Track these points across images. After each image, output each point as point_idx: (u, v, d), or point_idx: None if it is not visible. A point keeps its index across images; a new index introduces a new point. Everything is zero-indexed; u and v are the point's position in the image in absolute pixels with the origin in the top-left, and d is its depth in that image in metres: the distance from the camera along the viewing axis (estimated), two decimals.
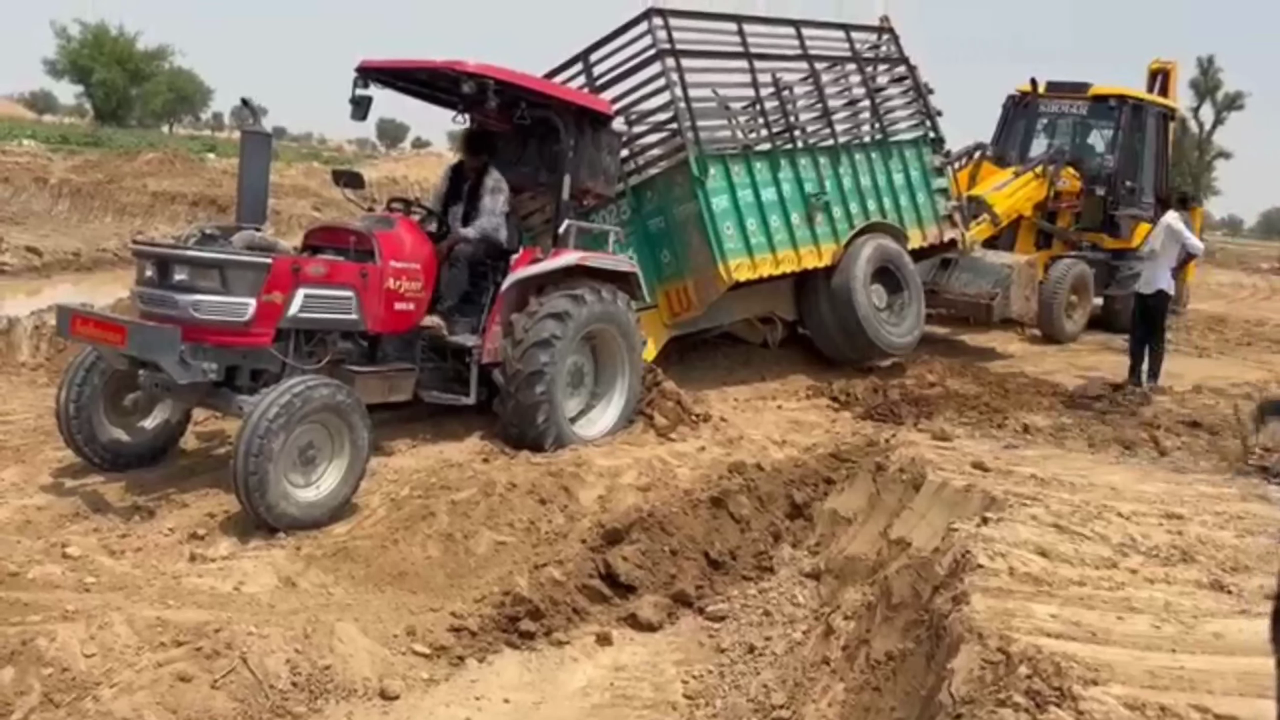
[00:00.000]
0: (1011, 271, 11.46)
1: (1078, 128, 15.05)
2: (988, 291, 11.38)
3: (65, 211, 22.28)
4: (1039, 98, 14.83)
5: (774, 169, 9.38)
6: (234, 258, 5.60)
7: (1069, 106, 14.86)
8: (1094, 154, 14.61)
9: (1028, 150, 14.72)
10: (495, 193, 7.18)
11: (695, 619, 5.01)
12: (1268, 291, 24.84)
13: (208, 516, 5.42)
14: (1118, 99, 14.38)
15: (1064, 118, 15.08)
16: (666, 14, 8.90)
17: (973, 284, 11.52)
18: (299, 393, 5.28)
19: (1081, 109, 14.76)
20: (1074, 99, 14.74)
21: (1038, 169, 13.27)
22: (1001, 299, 11.32)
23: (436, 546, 5.18)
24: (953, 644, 3.28)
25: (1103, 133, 14.78)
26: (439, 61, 6.65)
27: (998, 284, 11.40)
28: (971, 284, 11.53)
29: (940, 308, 11.82)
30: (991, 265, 11.70)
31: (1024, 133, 14.98)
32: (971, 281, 11.55)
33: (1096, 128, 14.91)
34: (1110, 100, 14.39)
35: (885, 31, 11.11)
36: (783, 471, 6.34)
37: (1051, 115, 15.11)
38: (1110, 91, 14.48)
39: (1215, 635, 3.30)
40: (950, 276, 11.71)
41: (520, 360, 6.66)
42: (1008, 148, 14.69)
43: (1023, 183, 13.01)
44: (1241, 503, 4.95)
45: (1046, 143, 15.00)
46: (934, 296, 11.47)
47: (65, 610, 4.10)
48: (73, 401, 5.78)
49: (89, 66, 62.90)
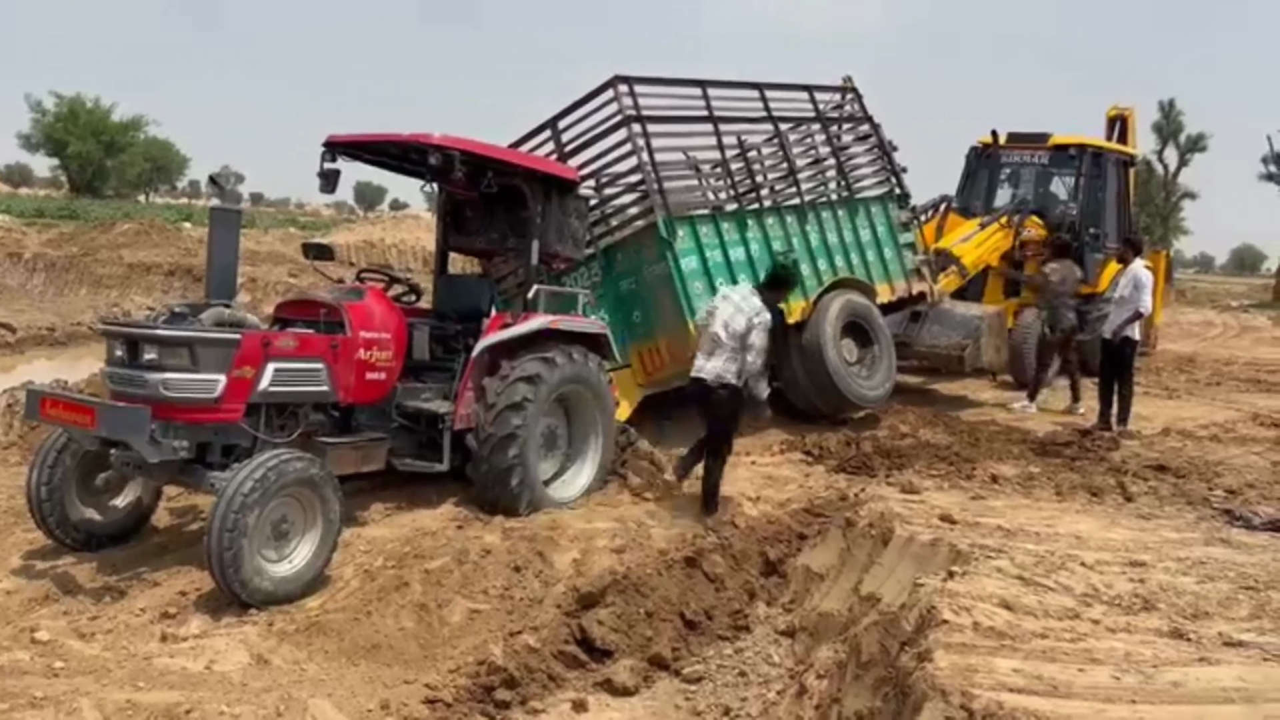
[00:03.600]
0: (981, 322, 11.56)
1: (1039, 177, 15.29)
2: (958, 343, 11.44)
3: (40, 286, 22.32)
4: (1000, 149, 15.10)
5: (742, 229, 9.54)
6: (203, 335, 5.63)
7: (1030, 156, 15.12)
8: (1057, 202, 14.83)
9: (992, 200, 14.96)
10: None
11: (672, 681, 4.99)
12: (1237, 329, 25.11)
13: (179, 595, 5.40)
14: (1077, 148, 14.65)
15: (1026, 167, 15.34)
16: (631, 80, 9.09)
17: (943, 335, 11.59)
18: (273, 467, 5.30)
19: (1043, 158, 15.02)
20: (1034, 149, 15.01)
21: (1003, 219, 13.47)
22: (972, 350, 11.38)
23: (410, 617, 5.17)
24: (917, 701, 3.31)
25: (1064, 181, 15.01)
26: (405, 135, 6.77)
27: (968, 335, 11.47)
28: (942, 336, 11.60)
29: (912, 360, 11.91)
30: (962, 316, 11.79)
31: (987, 183, 15.24)
32: (942, 333, 11.62)
33: (1058, 176, 15.15)
34: (1070, 149, 14.67)
35: (848, 91, 11.37)
36: (756, 529, 6.37)
37: (1013, 165, 15.39)
38: (1070, 141, 14.77)
39: (1174, 684, 3.34)
40: (921, 329, 11.76)
41: (493, 424, 6.71)
42: (972, 199, 14.94)
43: (989, 234, 13.20)
44: (1204, 547, 5.03)
45: (1010, 192, 15.29)
46: (905, 349, 11.55)
47: (33, 697, 4.07)
48: (44, 484, 5.77)
49: (64, 139, 63.19)
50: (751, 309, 7.19)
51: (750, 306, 7.21)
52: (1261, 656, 3.61)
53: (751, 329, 7.11)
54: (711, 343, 7.25)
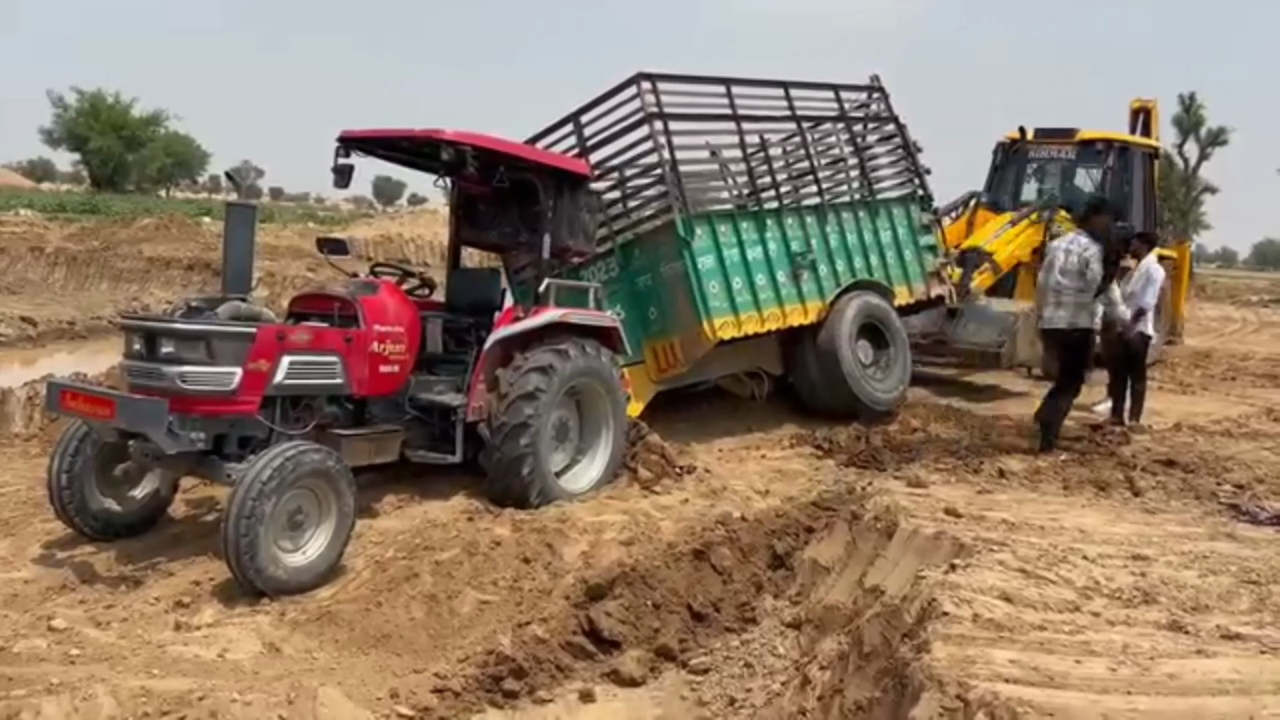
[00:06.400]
0: (1017, 319, 11.74)
1: (1066, 171, 15.50)
2: (995, 340, 11.73)
3: (61, 280, 22.51)
4: (1028, 144, 15.33)
5: (760, 228, 9.53)
6: (219, 328, 5.72)
7: (1057, 151, 15.33)
8: (1084, 196, 14.91)
9: (1019, 195, 15.17)
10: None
11: (678, 673, 5.04)
12: (1256, 324, 24.94)
13: (194, 584, 5.48)
14: (1104, 142, 14.85)
15: (1053, 162, 15.53)
16: (655, 78, 9.10)
17: (980, 333, 11.88)
18: (291, 457, 5.38)
19: (1070, 153, 15.22)
20: (1062, 144, 15.21)
21: (1033, 215, 13.59)
22: (1009, 346, 11.65)
23: (420, 608, 5.24)
24: (915, 692, 3.36)
25: (1091, 175, 15.22)
26: (417, 130, 6.83)
27: (1003, 331, 11.71)
28: (979, 333, 11.89)
29: (949, 356, 12.25)
30: (997, 314, 12.02)
31: (1015, 178, 15.45)
32: (979, 330, 11.90)
33: (1085, 171, 15.36)
34: (1097, 144, 14.87)
35: (875, 90, 11.31)
36: (764, 522, 6.40)
37: (1040, 160, 15.58)
38: (1097, 135, 14.95)
39: (1170, 676, 3.37)
40: (957, 326, 12.03)
41: (505, 413, 6.78)
42: (1000, 194, 15.16)
43: (1020, 229, 13.33)
44: (1209, 541, 5.04)
45: (1036, 187, 15.49)
46: (943, 346, 11.97)
47: (50, 683, 4.15)
48: (64, 472, 5.88)
49: (85, 135, 63.68)
50: (1079, 246, 8.05)
51: (1078, 245, 8.08)
52: (1259, 649, 3.63)
53: (1087, 261, 7.93)
54: (1055, 293, 8.14)
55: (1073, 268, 8.00)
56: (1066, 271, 8.02)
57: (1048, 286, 8.28)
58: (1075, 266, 8.00)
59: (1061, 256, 8.14)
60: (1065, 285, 8.02)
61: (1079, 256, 7.97)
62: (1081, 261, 7.95)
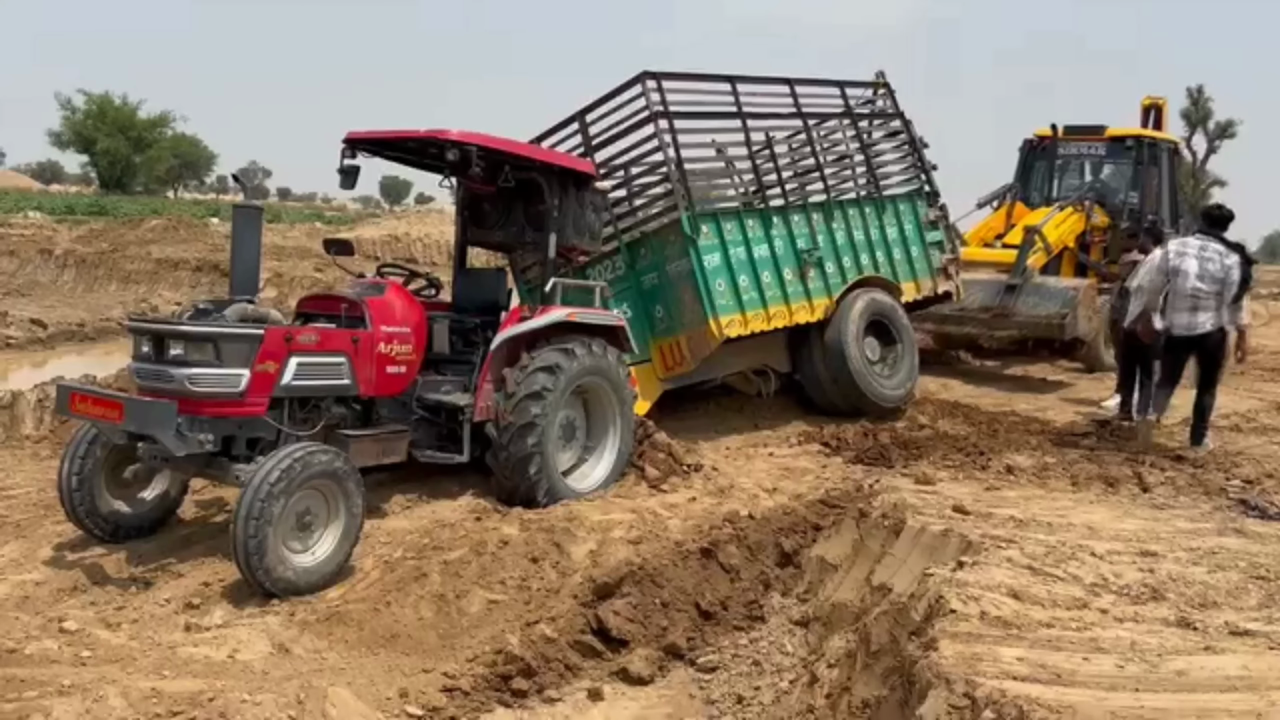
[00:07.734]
0: (1077, 293, 12.34)
1: (1095, 167, 15.98)
2: (1058, 312, 12.27)
3: (70, 282, 22.60)
4: (1057, 141, 15.72)
5: (766, 226, 9.53)
6: (227, 330, 5.74)
7: (1087, 148, 15.75)
8: (1113, 191, 15.43)
9: (1050, 190, 15.72)
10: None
11: (686, 671, 5.06)
12: (1266, 318, 24.77)
13: (204, 586, 5.51)
14: (1134, 139, 15.31)
15: (1081, 159, 15.97)
16: (660, 76, 9.10)
17: (1041, 305, 12.46)
18: (299, 458, 5.40)
19: (1099, 150, 15.66)
20: (1091, 141, 15.62)
21: (1076, 204, 14.32)
22: (1071, 318, 12.15)
23: (429, 607, 5.26)
24: (922, 690, 3.36)
25: (1120, 170, 15.59)
26: (422, 131, 6.84)
27: (1065, 304, 12.26)
28: (1040, 306, 12.46)
29: (1011, 330, 12.70)
30: (1057, 288, 12.67)
31: (1044, 174, 15.92)
32: (1040, 304, 12.47)
33: (1114, 167, 15.76)
34: (1126, 141, 15.32)
35: (881, 87, 11.33)
36: (772, 520, 6.42)
37: (1069, 157, 15.98)
38: (1126, 133, 15.45)
39: (1178, 673, 3.37)
40: (1018, 300, 12.58)
41: (512, 412, 6.79)
42: (1030, 189, 15.69)
43: (1064, 215, 14.08)
44: (1217, 537, 5.03)
45: (1068, 182, 15.93)
46: (1004, 319, 12.49)
47: (61, 685, 4.17)
48: (75, 474, 5.90)
49: (93, 136, 63.91)
50: (1219, 253, 8.09)
51: (1216, 251, 8.10)
52: (1268, 645, 3.62)
53: (1229, 269, 8.03)
54: (1192, 299, 8.13)
55: (1213, 274, 8.06)
56: (1204, 277, 8.06)
57: (1182, 292, 8.18)
58: (1218, 273, 8.06)
59: (1195, 264, 8.11)
60: (1204, 290, 8.06)
61: (1220, 264, 8.03)
62: (1223, 269, 8.03)
